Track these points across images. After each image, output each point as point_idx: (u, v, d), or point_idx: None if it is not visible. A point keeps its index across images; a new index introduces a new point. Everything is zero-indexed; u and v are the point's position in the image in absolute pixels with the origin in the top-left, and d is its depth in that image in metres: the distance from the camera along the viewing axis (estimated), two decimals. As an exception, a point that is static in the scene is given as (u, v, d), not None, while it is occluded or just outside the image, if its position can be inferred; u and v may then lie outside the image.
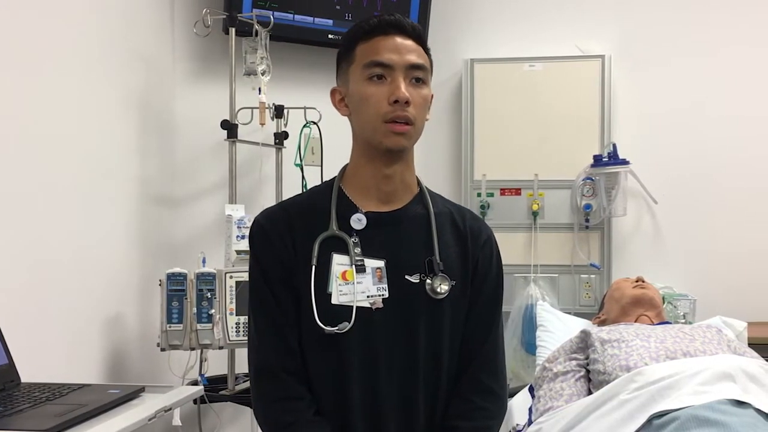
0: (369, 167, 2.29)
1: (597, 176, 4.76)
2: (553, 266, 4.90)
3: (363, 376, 2.22)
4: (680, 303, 4.47)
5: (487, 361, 2.40)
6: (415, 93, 2.20)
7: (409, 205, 2.35)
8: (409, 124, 2.19)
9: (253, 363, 2.30)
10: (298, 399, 2.22)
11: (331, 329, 2.18)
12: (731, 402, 2.65)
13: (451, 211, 2.42)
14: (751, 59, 4.92)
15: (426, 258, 2.28)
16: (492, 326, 2.42)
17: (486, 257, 2.42)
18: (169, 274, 3.74)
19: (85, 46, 3.56)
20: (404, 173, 2.33)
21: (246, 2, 4.39)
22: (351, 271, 2.23)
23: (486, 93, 4.94)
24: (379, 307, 2.23)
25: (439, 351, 2.29)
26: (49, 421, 2.22)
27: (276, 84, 4.24)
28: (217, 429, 4.33)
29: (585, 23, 5.04)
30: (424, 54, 2.29)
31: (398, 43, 2.22)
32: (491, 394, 2.38)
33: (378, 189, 2.30)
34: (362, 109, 2.22)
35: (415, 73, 2.22)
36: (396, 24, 2.25)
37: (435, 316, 2.27)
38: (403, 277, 2.26)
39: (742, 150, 4.92)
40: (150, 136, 4.24)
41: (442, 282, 2.26)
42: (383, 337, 2.23)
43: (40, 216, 3.15)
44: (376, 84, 2.19)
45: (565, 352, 3.49)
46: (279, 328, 2.25)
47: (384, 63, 2.18)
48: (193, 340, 3.75)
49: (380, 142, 2.20)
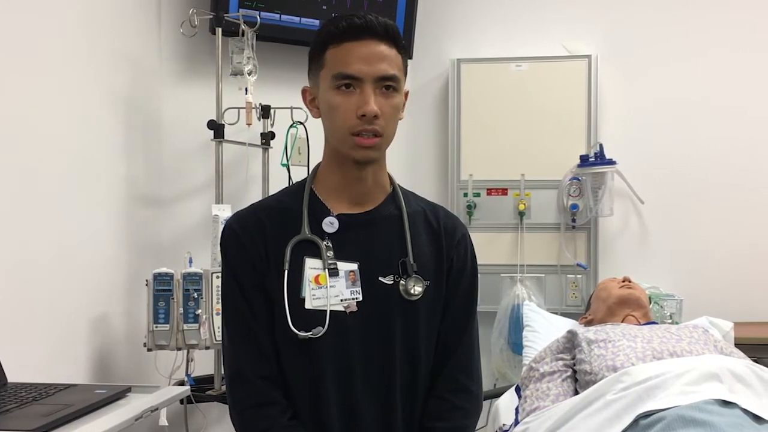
0: (340, 170, 2.27)
1: (583, 176, 4.77)
2: (540, 266, 4.91)
3: (339, 380, 2.22)
4: (667, 303, 4.49)
5: (463, 360, 2.39)
6: (385, 103, 2.15)
7: (382, 206, 2.33)
8: (378, 136, 2.16)
9: (227, 370, 2.29)
10: (272, 405, 2.22)
11: (305, 334, 2.17)
12: (718, 402, 2.66)
13: (424, 210, 2.40)
14: (737, 60, 4.94)
15: (400, 259, 2.27)
16: (468, 325, 2.41)
17: (461, 255, 2.40)
18: (156, 274, 3.73)
19: (71, 46, 3.55)
20: (376, 174, 2.31)
21: (232, 2, 4.39)
22: (324, 275, 2.22)
23: (473, 93, 4.95)
24: (353, 310, 2.23)
25: (416, 352, 2.29)
26: (35, 421, 2.22)
27: (263, 84, 4.23)
28: (203, 429, 4.33)
29: (571, 23, 5.05)
30: (397, 58, 2.21)
31: (369, 51, 2.16)
32: (467, 393, 2.37)
33: (350, 190, 2.28)
34: (330, 118, 2.21)
35: (386, 83, 2.16)
36: (367, 27, 2.17)
37: (410, 318, 2.27)
38: (376, 280, 2.25)
39: (729, 150, 4.93)
40: (136, 136, 4.23)
41: (416, 283, 2.25)
42: (358, 340, 2.23)
43: (26, 216, 3.14)
44: (344, 94, 2.15)
45: (551, 352, 3.49)
46: (252, 333, 2.23)
47: (353, 75, 2.13)
48: (180, 340, 3.75)
49: (348, 153, 2.18)
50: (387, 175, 2.38)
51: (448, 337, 2.36)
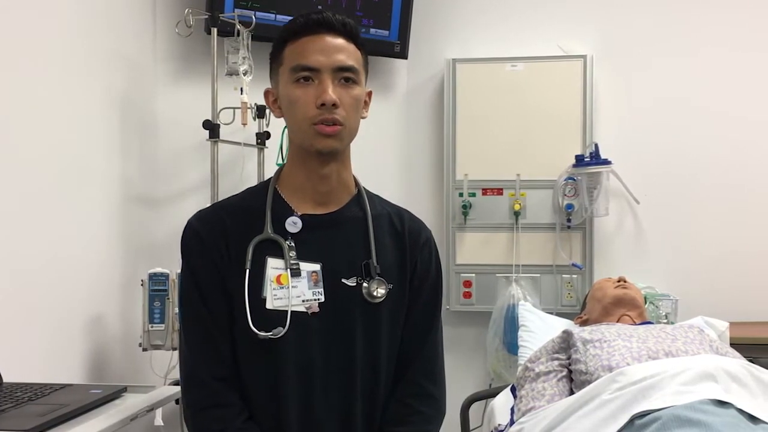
0: (304, 168, 2.27)
1: (579, 176, 4.77)
2: (535, 266, 4.90)
3: (299, 382, 2.21)
4: (662, 303, 4.49)
5: (426, 365, 2.38)
6: (344, 94, 2.17)
7: (346, 207, 2.33)
8: (338, 125, 2.15)
9: (183, 371, 2.27)
10: (227, 406, 2.20)
11: (266, 334, 2.16)
12: (713, 402, 2.66)
13: (389, 213, 2.40)
14: (732, 59, 4.93)
15: (363, 261, 2.27)
16: (431, 329, 2.41)
17: (425, 259, 2.40)
18: (151, 274, 3.74)
19: (66, 46, 3.55)
20: (341, 173, 2.30)
21: (228, 2, 4.38)
22: (286, 275, 2.21)
23: (468, 93, 4.95)
24: (315, 311, 2.22)
25: (377, 355, 2.28)
26: (31, 421, 2.22)
27: (258, 84, 4.21)
28: (198, 429, 4.32)
29: (567, 23, 5.05)
30: (356, 52, 2.23)
31: (326, 44, 2.18)
32: (429, 398, 2.37)
33: (314, 190, 2.28)
34: (290, 112, 2.21)
35: (344, 74, 2.18)
36: (324, 22, 2.20)
37: (372, 320, 2.26)
38: (339, 281, 2.25)
39: (725, 150, 4.93)
40: (132, 136, 4.23)
41: (379, 286, 2.25)
42: (319, 342, 2.22)
43: (21, 216, 3.14)
44: (303, 86, 2.17)
45: (547, 352, 3.49)
46: (209, 334, 2.22)
47: (309, 65, 2.15)
48: (175, 340, 3.75)
49: (310, 144, 2.18)
50: (352, 176, 2.38)
51: (411, 341, 2.36)
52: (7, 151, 3.04)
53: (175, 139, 4.57)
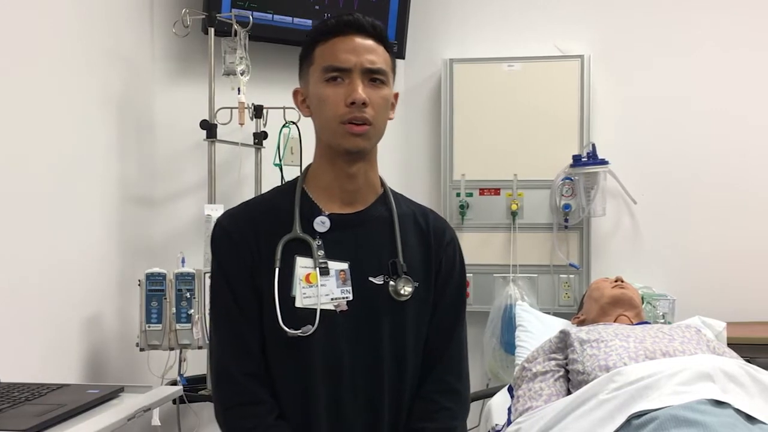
0: (332, 168, 2.29)
1: (576, 176, 4.78)
2: (533, 266, 4.91)
3: (327, 379, 2.23)
4: (659, 303, 4.49)
5: (452, 362, 2.40)
6: (373, 94, 2.19)
7: (373, 207, 2.35)
8: (367, 124, 2.18)
9: (214, 368, 2.29)
10: (258, 403, 2.22)
11: (295, 332, 2.18)
12: (710, 402, 2.66)
13: (414, 212, 2.43)
14: (729, 59, 4.94)
15: (389, 260, 2.29)
16: (456, 327, 2.43)
17: (449, 258, 2.42)
18: (148, 274, 3.73)
19: (64, 46, 3.54)
20: (368, 172, 2.33)
21: (225, 2, 4.38)
22: (315, 273, 2.23)
23: (465, 93, 4.95)
24: (343, 309, 2.24)
25: (403, 352, 2.30)
26: (28, 421, 2.21)
27: (255, 84, 4.23)
28: (196, 429, 4.32)
29: (564, 23, 5.06)
30: (384, 54, 2.26)
31: (356, 44, 2.21)
32: (455, 394, 2.39)
33: (341, 189, 2.30)
34: (320, 111, 2.23)
35: (373, 75, 2.20)
36: (354, 24, 2.23)
37: (399, 318, 2.28)
38: (366, 279, 2.27)
39: (721, 150, 4.94)
40: (129, 136, 4.22)
41: (406, 284, 2.27)
42: (347, 339, 2.24)
43: (18, 216, 3.13)
44: (333, 86, 2.19)
45: (544, 352, 3.49)
46: (240, 332, 2.24)
47: (340, 66, 2.18)
48: (172, 340, 3.75)
49: (339, 143, 2.21)
50: (378, 176, 2.40)
51: (436, 339, 2.38)
52: (4, 151, 3.04)
53: (172, 139, 4.57)
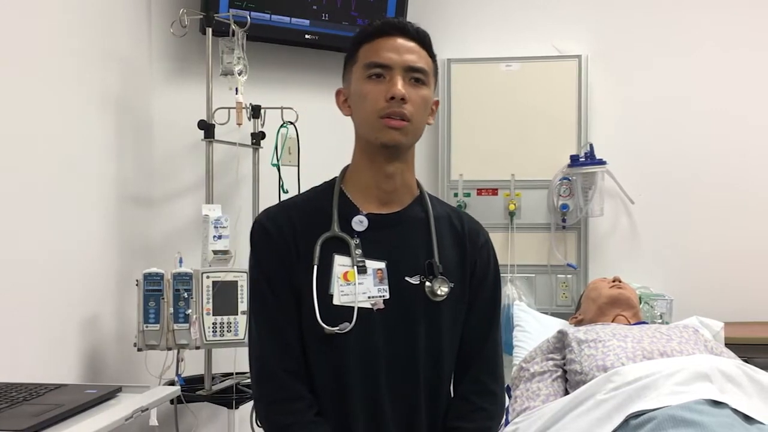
0: (370, 167, 2.32)
1: (574, 176, 4.78)
2: (530, 266, 4.91)
3: (363, 377, 2.26)
4: (657, 303, 4.49)
5: (488, 362, 2.43)
6: (413, 92, 2.23)
7: (409, 207, 2.39)
8: (405, 120, 2.21)
9: (254, 364, 2.32)
10: (298, 400, 2.25)
11: (332, 329, 2.21)
12: (708, 402, 2.66)
13: (449, 215, 2.46)
14: (727, 59, 4.95)
15: (426, 260, 2.32)
16: (491, 327, 2.46)
17: (484, 260, 2.45)
18: (146, 274, 3.73)
19: (61, 46, 3.54)
20: (405, 173, 2.37)
21: (223, 2, 4.39)
22: (352, 271, 2.26)
23: (463, 93, 4.95)
24: (380, 308, 2.27)
25: (439, 352, 2.33)
26: (26, 421, 2.21)
27: (253, 84, 4.23)
28: (193, 429, 4.32)
29: (562, 23, 5.06)
30: (426, 58, 2.30)
31: (399, 44, 2.26)
32: (492, 395, 2.42)
33: (379, 189, 2.33)
34: (360, 106, 2.27)
35: (414, 74, 2.25)
36: (399, 26, 2.28)
37: (434, 318, 2.31)
38: (403, 279, 2.30)
39: (720, 150, 4.95)
40: (126, 136, 4.22)
41: (442, 284, 2.29)
42: (383, 337, 2.27)
43: (16, 217, 3.13)
44: (374, 82, 2.23)
45: (542, 352, 3.50)
46: (279, 328, 2.27)
47: (382, 62, 2.22)
48: (170, 340, 3.74)
49: (376, 137, 2.24)
50: (415, 178, 2.45)
51: (472, 340, 2.41)
52: (1, 152, 3.03)
53: (170, 139, 4.57)
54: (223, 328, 3.73)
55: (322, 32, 4.72)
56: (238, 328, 3.76)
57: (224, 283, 3.77)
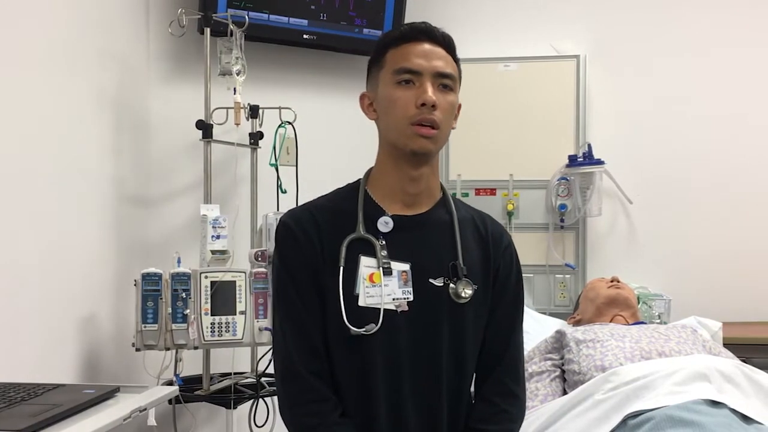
0: (396, 170, 2.34)
1: (572, 176, 4.78)
2: (528, 266, 4.87)
3: (387, 378, 2.27)
4: (655, 303, 4.50)
5: (511, 365, 2.45)
6: (442, 98, 2.25)
7: (433, 210, 2.41)
8: (435, 128, 2.23)
9: (278, 364, 2.34)
10: (323, 401, 2.27)
11: (358, 330, 2.22)
12: (706, 402, 2.67)
13: (473, 217, 2.48)
14: (726, 59, 4.95)
15: (450, 262, 2.33)
16: (514, 330, 2.48)
17: (507, 263, 2.49)
18: (144, 274, 3.72)
19: (59, 46, 3.53)
20: (430, 177, 2.39)
21: (221, 2, 4.38)
22: (378, 273, 2.28)
23: (461, 93, 4.93)
24: (404, 309, 2.28)
25: (462, 354, 2.35)
26: (23, 420, 2.21)
27: (251, 84, 4.22)
28: (192, 429, 4.32)
29: (560, 23, 5.06)
30: (452, 63, 2.33)
31: (427, 50, 2.28)
32: (514, 398, 2.44)
33: (403, 192, 2.35)
34: (390, 111, 2.28)
35: (443, 80, 2.27)
36: (426, 31, 2.32)
37: (458, 320, 2.33)
38: (427, 281, 2.31)
39: (718, 150, 4.95)
40: (124, 136, 4.22)
41: (466, 286, 2.31)
42: (407, 339, 2.28)
43: (13, 216, 3.13)
44: (404, 88, 2.25)
45: (540, 352, 3.50)
46: (304, 329, 2.29)
47: (412, 69, 2.24)
48: (168, 340, 3.73)
49: (406, 144, 2.25)
50: (439, 182, 2.47)
51: (495, 342, 2.43)
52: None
53: (168, 138, 4.56)
54: (222, 328, 3.73)
55: (320, 32, 4.72)
56: (236, 328, 3.75)
57: (222, 283, 3.76)
